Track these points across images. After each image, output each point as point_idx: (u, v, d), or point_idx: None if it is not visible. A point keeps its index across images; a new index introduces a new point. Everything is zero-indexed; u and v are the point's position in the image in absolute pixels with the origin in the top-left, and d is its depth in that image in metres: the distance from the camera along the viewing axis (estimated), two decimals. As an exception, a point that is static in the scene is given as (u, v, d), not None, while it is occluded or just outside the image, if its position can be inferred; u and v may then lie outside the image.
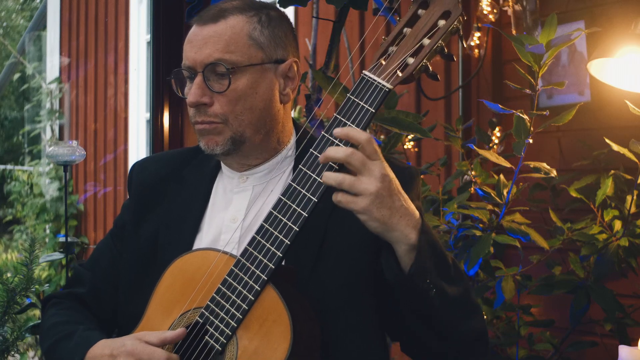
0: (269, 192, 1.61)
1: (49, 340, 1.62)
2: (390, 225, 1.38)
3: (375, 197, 1.35)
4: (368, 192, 1.35)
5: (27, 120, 8.30)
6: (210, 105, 1.56)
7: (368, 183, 1.35)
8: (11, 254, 7.85)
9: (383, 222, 1.37)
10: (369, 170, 1.36)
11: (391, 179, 1.38)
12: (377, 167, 1.36)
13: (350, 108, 1.42)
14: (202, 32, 1.57)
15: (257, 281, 1.41)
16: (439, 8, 1.44)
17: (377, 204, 1.36)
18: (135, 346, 1.44)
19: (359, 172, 1.36)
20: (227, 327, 1.42)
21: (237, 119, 1.57)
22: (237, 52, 1.55)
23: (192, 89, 1.56)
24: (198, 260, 1.50)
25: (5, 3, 15.70)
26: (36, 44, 8.59)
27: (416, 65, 1.43)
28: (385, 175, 1.37)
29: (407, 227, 1.40)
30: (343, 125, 1.42)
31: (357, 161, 1.36)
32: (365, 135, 1.37)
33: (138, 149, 6.25)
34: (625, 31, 2.30)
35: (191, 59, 1.57)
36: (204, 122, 1.57)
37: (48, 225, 7.16)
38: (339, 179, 1.36)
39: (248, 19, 1.58)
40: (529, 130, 2.21)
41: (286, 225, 1.41)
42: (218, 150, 1.58)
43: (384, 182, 1.36)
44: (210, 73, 1.55)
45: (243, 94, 1.56)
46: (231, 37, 1.55)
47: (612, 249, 2.30)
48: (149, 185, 1.72)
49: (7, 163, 10.64)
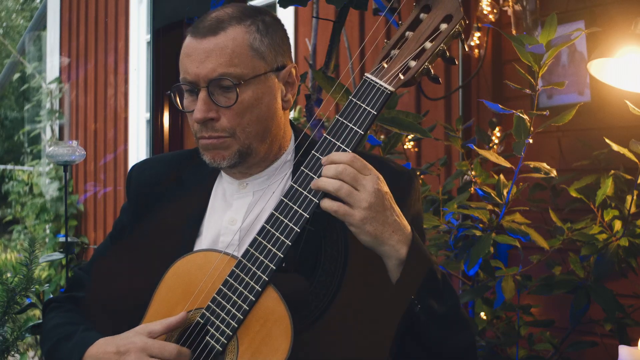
0: (268, 195, 1.61)
1: (49, 342, 1.62)
2: (381, 240, 1.41)
3: (369, 211, 1.38)
4: (362, 206, 1.38)
5: (27, 120, 8.30)
6: (217, 120, 1.55)
7: (362, 196, 1.38)
8: (10, 254, 7.86)
9: (374, 236, 1.40)
10: (361, 186, 1.38)
11: (384, 194, 1.40)
12: (369, 182, 1.39)
13: (352, 110, 1.44)
14: (201, 46, 1.54)
15: (258, 282, 1.41)
16: (441, 12, 1.45)
17: (370, 219, 1.38)
18: (145, 342, 1.43)
19: (352, 186, 1.38)
20: (228, 328, 1.42)
21: (245, 132, 1.56)
22: (240, 64, 1.53)
23: (198, 105, 1.54)
24: (199, 261, 1.50)
25: (5, 3, 15.71)
26: (36, 44, 8.60)
27: (418, 69, 1.44)
28: (378, 190, 1.39)
29: (398, 243, 1.42)
30: (345, 127, 1.43)
31: (349, 177, 1.38)
32: (347, 156, 1.40)
33: (138, 149, 6.25)
34: (625, 31, 2.30)
35: (193, 73, 1.54)
36: (211, 137, 1.56)
37: (48, 225, 7.16)
38: (337, 185, 1.38)
39: (246, 28, 1.56)
40: (529, 130, 2.21)
41: (287, 226, 1.42)
42: (224, 165, 1.58)
43: (377, 198, 1.39)
44: (215, 87, 1.54)
45: (249, 105, 1.55)
46: (233, 50, 1.53)
47: (612, 249, 2.30)
48: (148, 187, 1.72)
49: (7, 163, 10.65)
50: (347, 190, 1.38)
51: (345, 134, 1.43)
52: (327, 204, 1.39)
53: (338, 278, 1.50)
